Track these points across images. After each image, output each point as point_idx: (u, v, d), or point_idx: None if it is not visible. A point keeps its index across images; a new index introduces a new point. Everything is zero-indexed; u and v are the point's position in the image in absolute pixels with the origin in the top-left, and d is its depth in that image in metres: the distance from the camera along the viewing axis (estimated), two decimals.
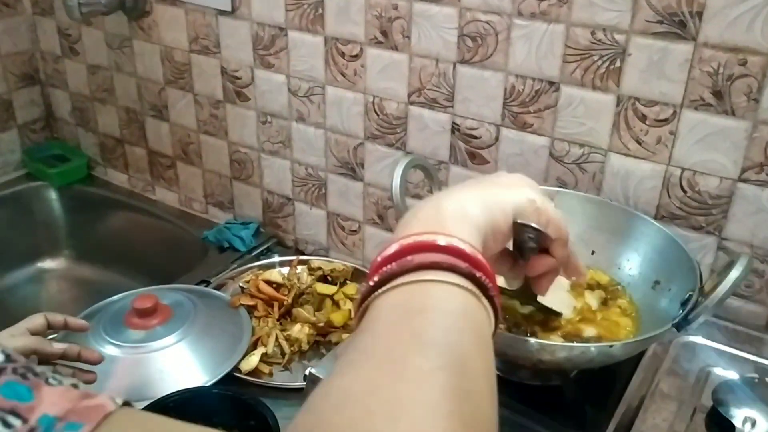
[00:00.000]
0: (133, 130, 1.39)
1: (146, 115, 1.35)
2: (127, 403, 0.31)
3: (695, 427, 0.70)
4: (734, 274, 0.62)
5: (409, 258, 0.42)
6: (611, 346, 0.62)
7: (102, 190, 1.47)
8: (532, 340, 0.62)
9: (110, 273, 1.40)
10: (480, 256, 0.43)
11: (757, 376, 0.74)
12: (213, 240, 1.26)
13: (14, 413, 0.29)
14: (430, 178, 0.84)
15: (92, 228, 1.47)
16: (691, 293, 0.69)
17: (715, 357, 0.79)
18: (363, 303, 0.42)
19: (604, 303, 0.76)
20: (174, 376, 0.91)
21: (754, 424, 0.67)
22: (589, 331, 0.70)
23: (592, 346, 0.62)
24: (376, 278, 0.42)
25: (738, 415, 0.68)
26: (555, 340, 0.71)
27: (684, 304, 0.69)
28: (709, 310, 0.63)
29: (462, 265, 0.41)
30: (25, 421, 0.29)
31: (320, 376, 0.74)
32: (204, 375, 0.91)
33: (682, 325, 0.65)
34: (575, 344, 0.64)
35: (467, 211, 0.47)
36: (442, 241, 0.42)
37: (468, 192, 0.50)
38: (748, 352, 0.80)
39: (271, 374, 0.96)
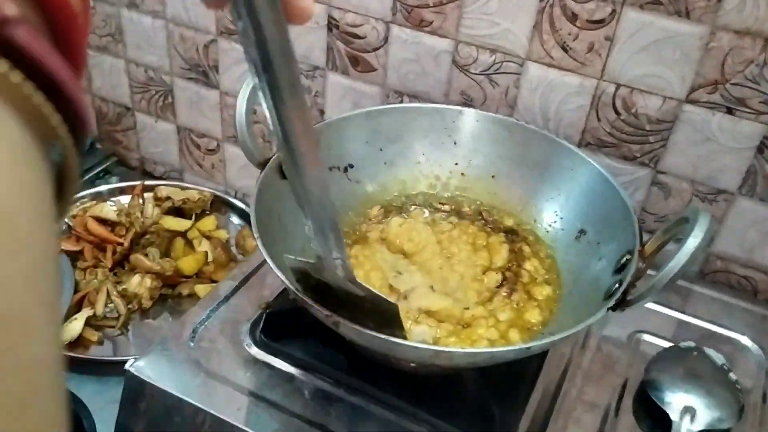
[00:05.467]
0: None
1: None
2: None
3: (624, 418, 0.56)
4: (693, 242, 0.46)
5: None
6: (529, 348, 0.45)
7: None
8: (425, 346, 0.44)
9: None
10: None
11: (693, 345, 0.61)
12: None
13: None
14: None
15: None
16: (628, 257, 0.53)
17: (643, 316, 0.65)
18: None
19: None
20: None
21: (693, 415, 0.54)
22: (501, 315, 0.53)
23: (505, 350, 0.46)
24: None
25: (674, 403, 0.55)
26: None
27: (619, 270, 0.54)
28: (655, 292, 0.47)
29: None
30: None
31: (142, 375, 0.54)
32: None
33: (618, 307, 0.49)
34: (482, 350, 0.47)
35: None
36: None
37: None
38: (674, 307, 0.67)
39: (101, 342, 0.75)
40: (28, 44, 0.13)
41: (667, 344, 0.62)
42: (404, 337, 0.44)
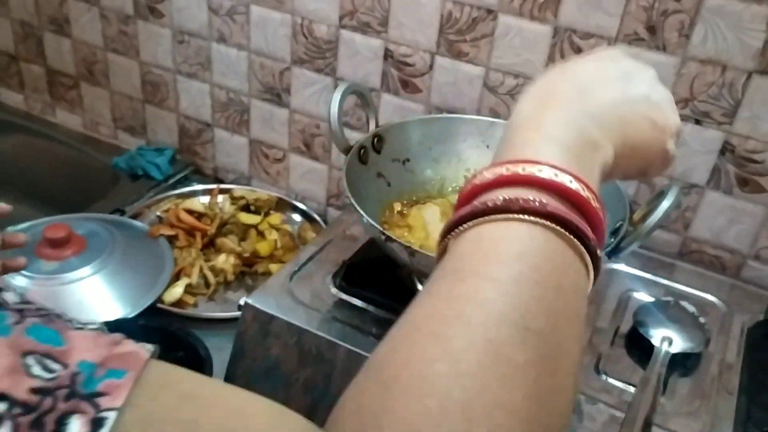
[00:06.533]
0: (29, 46, 1.27)
1: (44, 30, 1.23)
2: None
3: (617, 349, 0.74)
4: (665, 204, 0.65)
5: (534, 199, 0.34)
6: None
7: None
8: None
9: (5, 202, 1.29)
10: (600, 213, 0.36)
11: (671, 299, 0.79)
12: (124, 167, 1.18)
13: (50, 357, 0.26)
14: (366, 105, 0.82)
15: None
16: (621, 222, 0.71)
17: (635, 282, 0.83)
18: (446, 236, 0.36)
19: None
20: (92, 308, 0.86)
21: (670, 342, 0.72)
22: None
23: None
24: (474, 204, 0.35)
25: (656, 335, 0.73)
26: None
27: (614, 233, 0.72)
28: (641, 238, 0.65)
29: (586, 230, 0.34)
30: (65, 366, 0.26)
31: (256, 305, 0.72)
32: (125, 307, 0.87)
33: (613, 254, 0.67)
34: None
35: (597, 143, 0.40)
36: (584, 191, 0.36)
37: (617, 110, 0.42)
38: (662, 277, 0.85)
39: (195, 305, 0.93)
40: (584, 229, 0.34)
41: (652, 299, 0.80)
42: None
